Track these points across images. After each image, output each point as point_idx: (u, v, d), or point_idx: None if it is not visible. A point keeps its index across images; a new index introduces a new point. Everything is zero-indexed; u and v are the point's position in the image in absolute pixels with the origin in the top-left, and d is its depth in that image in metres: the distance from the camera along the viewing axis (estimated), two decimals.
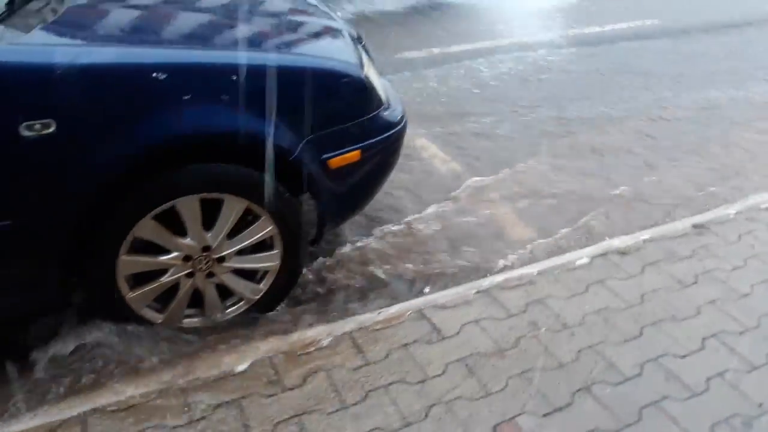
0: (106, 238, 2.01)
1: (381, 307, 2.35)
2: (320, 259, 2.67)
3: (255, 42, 2.31)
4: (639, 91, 4.79)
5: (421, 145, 3.83)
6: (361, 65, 2.38)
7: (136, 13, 2.34)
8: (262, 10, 2.68)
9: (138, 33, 2.20)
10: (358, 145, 2.35)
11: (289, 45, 2.38)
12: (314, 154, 2.23)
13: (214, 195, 2.09)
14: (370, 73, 2.45)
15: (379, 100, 2.44)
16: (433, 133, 3.96)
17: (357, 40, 2.73)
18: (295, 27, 2.55)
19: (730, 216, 3.00)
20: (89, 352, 2.13)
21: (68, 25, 2.05)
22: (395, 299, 2.45)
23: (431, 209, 3.12)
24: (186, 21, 2.34)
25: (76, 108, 1.80)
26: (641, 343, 2.22)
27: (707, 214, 3.05)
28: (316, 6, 2.91)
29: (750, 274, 2.59)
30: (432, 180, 3.43)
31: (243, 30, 2.35)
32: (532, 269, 2.60)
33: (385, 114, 2.48)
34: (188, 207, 2.06)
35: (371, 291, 2.54)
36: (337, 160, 2.31)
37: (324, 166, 2.27)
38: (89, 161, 1.86)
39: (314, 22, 2.65)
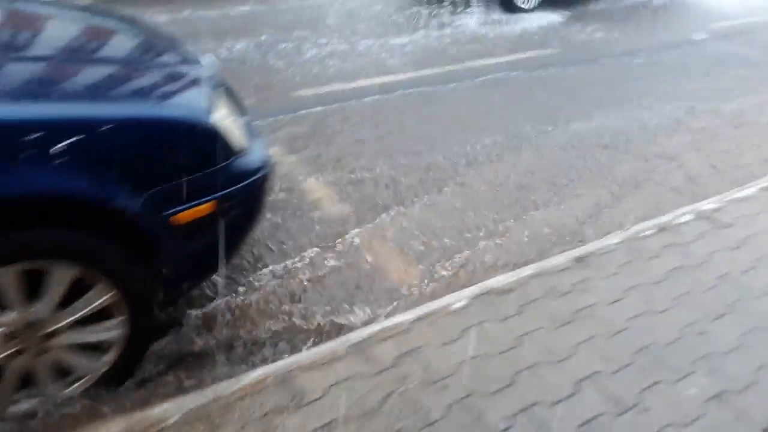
0: None
1: (241, 373, 2.17)
2: (177, 323, 2.46)
3: (84, 90, 2.12)
4: (524, 122, 4.74)
5: (310, 187, 3.69)
6: (210, 111, 2.23)
7: None
8: (101, 56, 2.48)
9: None
10: (209, 197, 2.18)
11: (125, 92, 2.19)
12: (156, 210, 2.04)
13: (36, 264, 1.87)
14: (224, 119, 2.29)
15: (234, 147, 2.28)
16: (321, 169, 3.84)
17: (218, 83, 2.58)
18: (136, 72, 2.36)
19: (611, 247, 2.98)
20: None
21: None
22: (259, 362, 2.28)
23: (310, 257, 2.96)
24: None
25: None
26: (514, 392, 2.12)
27: (589, 246, 3.02)
28: (173, 47, 2.75)
29: (627, 308, 2.56)
30: (314, 224, 3.28)
31: (70, 77, 2.16)
32: (408, 316, 2.48)
33: (243, 161, 2.33)
34: (5, 279, 1.84)
35: (233, 355, 2.35)
36: (185, 215, 2.12)
37: (169, 222, 2.09)
38: None
39: (161, 66, 2.48)
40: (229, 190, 2.25)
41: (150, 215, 2.03)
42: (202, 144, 2.17)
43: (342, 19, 7.13)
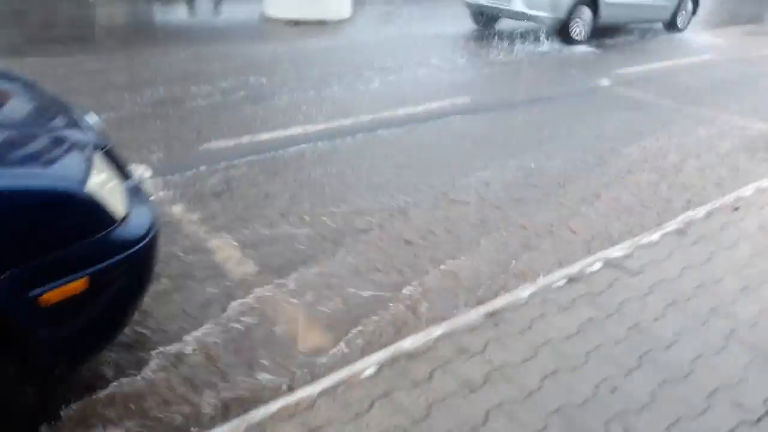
0: None
1: None
2: (52, 416, 2.20)
3: None
4: (428, 175, 4.63)
5: (215, 246, 3.49)
6: (85, 178, 2.04)
7: None
8: None
9: None
10: (81, 273, 1.98)
11: None
12: (18, 291, 1.83)
13: None
14: (102, 186, 2.11)
15: (113, 215, 2.09)
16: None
17: (99, 146, 2.38)
18: (9, 138, 2.13)
19: (522, 300, 2.92)
20: None
21: None
22: None
23: (206, 328, 2.74)
24: None
25: None
26: None
27: (500, 300, 2.95)
28: (61, 111, 2.54)
29: (539, 367, 2.48)
30: (215, 289, 3.07)
31: None
32: (315, 388, 2.32)
33: (123, 230, 2.13)
34: None
35: None
36: (54, 294, 1.91)
37: (36, 303, 1.87)
38: None
39: (42, 132, 2.27)
40: (105, 263, 2.06)
41: (13, 297, 1.82)
42: (73, 214, 1.98)
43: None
